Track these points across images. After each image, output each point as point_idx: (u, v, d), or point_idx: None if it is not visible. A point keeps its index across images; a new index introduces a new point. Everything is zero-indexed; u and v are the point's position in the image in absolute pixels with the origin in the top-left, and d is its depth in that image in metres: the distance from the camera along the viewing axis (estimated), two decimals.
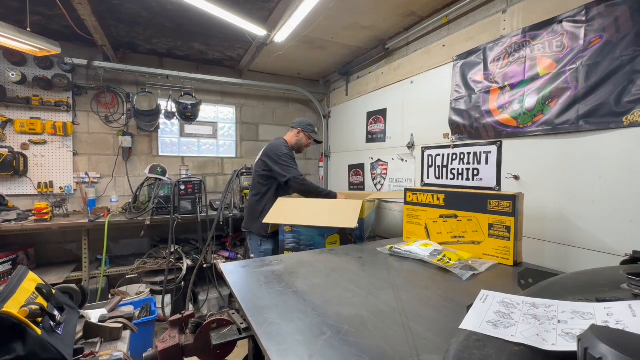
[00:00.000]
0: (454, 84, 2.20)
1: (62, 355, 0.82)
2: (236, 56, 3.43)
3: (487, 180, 1.99)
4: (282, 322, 0.91)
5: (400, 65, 2.80)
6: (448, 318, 0.95)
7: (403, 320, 0.94)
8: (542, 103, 1.65)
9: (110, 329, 1.07)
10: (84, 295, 1.23)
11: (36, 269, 2.78)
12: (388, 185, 2.92)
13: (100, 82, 3.08)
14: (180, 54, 3.36)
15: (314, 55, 3.29)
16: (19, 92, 2.82)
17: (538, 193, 1.72)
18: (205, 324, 0.94)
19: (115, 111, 3.24)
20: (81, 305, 1.24)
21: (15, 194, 2.85)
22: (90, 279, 2.76)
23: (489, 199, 1.50)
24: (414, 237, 1.84)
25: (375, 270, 1.38)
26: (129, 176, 3.29)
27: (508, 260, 1.45)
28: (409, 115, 2.68)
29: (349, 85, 3.62)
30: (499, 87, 1.88)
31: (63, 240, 3.01)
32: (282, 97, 4.12)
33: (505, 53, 1.85)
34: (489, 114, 1.94)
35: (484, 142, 2.00)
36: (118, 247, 3.29)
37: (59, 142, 2.99)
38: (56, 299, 1.02)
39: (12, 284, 0.91)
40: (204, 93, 3.63)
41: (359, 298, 1.08)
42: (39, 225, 2.50)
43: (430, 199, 1.76)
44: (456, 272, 1.32)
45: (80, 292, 1.22)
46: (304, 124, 2.53)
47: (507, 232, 1.45)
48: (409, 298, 1.09)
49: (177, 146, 3.64)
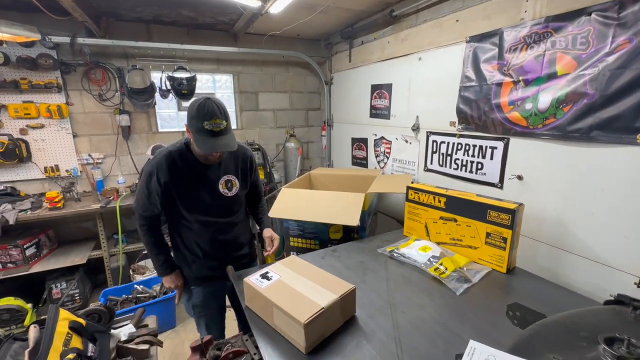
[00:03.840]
0: (464, 68, 2.05)
1: None
2: (229, 20, 3.14)
3: (490, 176, 1.98)
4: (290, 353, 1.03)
5: (408, 36, 2.57)
6: (439, 350, 1.06)
7: (398, 353, 1.05)
8: (556, 106, 1.57)
9: (139, 351, 1.21)
10: (110, 313, 1.36)
11: (59, 248, 2.98)
12: (391, 165, 2.92)
13: (87, 57, 2.90)
14: (168, 20, 3.08)
15: (314, 19, 3.00)
16: (5, 75, 2.69)
17: (540, 195, 1.74)
18: (222, 357, 1.07)
19: (108, 88, 3.10)
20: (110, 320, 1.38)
21: (24, 179, 2.91)
22: (110, 257, 2.96)
23: (489, 209, 1.53)
24: (414, 233, 1.91)
25: (375, 282, 1.47)
26: (132, 154, 3.29)
27: (501, 268, 1.53)
28: (415, 95, 2.55)
29: (352, 50, 3.37)
30: (512, 80, 1.76)
31: (79, 220, 3.15)
32: (281, 61, 3.87)
33: (523, 43, 1.68)
34: (498, 109, 1.85)
35: (490, 136, 1.95)
36: (131, 222, 3.43)
37: (57, 125, 2.94)
38: (88, 332, 1.14)
39: (48, 332, 1.01)
40: (198, 62, 3.41)
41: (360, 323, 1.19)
42: (53, 213, 2.60)
43: (432, 200, 1.79)
44: (450, 285, 1.41)
45: (107, 311, 1.35)
46: (188, 116, 1.38)
47: (504, 242, 1.50)
48: (405, 322, 1.20)
49: (176, 120, 3.56)
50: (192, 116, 1.34)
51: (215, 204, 1.52)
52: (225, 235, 1.59)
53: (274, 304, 1.10)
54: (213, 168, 1.50)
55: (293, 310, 1.04)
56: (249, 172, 1.65)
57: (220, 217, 1.55)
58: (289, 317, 1.04)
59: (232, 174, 1.56)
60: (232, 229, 1.61)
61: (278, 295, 1.12)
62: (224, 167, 1.53)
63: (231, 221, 1.60)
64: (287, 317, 1.05)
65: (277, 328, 1.13)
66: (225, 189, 1.53)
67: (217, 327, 1.73)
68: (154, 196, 1.43)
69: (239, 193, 1.59)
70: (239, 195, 1.60)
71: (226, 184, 1.54)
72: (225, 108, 1.38)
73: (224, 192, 1.53)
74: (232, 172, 1.56)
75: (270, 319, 1.15)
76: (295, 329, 1.03)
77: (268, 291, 1.15)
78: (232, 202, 1.58)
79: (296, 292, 1.14)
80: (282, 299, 1.10)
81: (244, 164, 1.62)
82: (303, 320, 0.99)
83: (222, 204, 1.54)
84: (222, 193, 1.52)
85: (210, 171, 1.49)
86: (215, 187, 1.50)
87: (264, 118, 3.95)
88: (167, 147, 1.49)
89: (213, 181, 1.50)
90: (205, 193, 1.48)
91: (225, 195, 1.53)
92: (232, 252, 1.66)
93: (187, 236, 1.55)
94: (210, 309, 1.67)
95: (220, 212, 1.55)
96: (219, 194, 1.51)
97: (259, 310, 1.22)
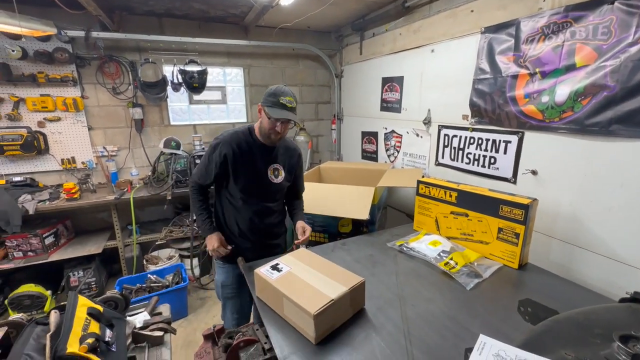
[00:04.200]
0: (479, 60, 2.00)
1: None
2: (240, 13, 3.13)
3: (503, 170, 1.95)
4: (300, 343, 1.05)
5: (420, 28, 2.52)
6: (448, 343, 1.06)
7: (407, 346, 1.06)
8: (574, 99, 1.52)
9: (154, 337, 1.25)
10: (126, 300, 1.40)
11: (76, 238, 3.08)
12: (401, 159, 2.89)
13: (101, 51, 2.94)
14: (179, 13, 3.09)
15: (325, 10, 2.97)
16: (23, 69, 2.76)
17: (554, 190, 1.70)
18: (234, 345, 1.09)
19: (122, 82, 3.15)
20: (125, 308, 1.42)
21: (42, 170, 3.00)
22: (124, 247, 3.05)
23: (502, 204, 1.50)
24: (424, 228, 1.90)
25: (385, 275, 1.48)
26: (145, 147, 3.35)
27: (513, 264, 1.51)
28: (427, 89, 2.51)
29: (363, 42, 3.32)
30: (528, 72, 1.71)
31: (94, 211, 3.23)
32: (291, 54, 3.86)
33: (541, 34, 1.63)
34: (513, 102, 1.80)
35: (504, 130, 1.91)
36: (144, 214, 3.52)
37: (72, 118, 3.01)
38: (105, 317, 1.18)
39: (68, 317, 1.05)
40: (209, 55, 3.43)
41: (370, 315, 1.20)
42: (71, 204, 2.68)
43: (443, 194, 1.77)
44: (461, 280, 1.41)
45: (123, 298, 1.39)
46: (265, 96, 1.54)
47: (516, 238, 1.48)
48: (414, 315, 1.20)
49: (188, 114, 3.59)
50: (269, 94, 1.53)
51: (261, 186, 1.66)
52: (263, 219, 1.71)
53: (284, 295, 1.11)
54: (266, 155, 1.65)
55: (303, 301, 1.05)
56: (295, 167, 1.77)
57: (262, 200, 1.68)
58: (299, 308, 1.05)
59: (280, 164, 1.69)
60: (269, 216, 1.73)
61: (288, 287, 1.14)
62: (275, 156, 1.67)
63: (271, 208, 1.72)
64: (297, 308, 1.06)
65: (287, 319, 1.15)
66: (272, 175, 1.67)
67: (243, 311, 1.78)
68: (212, 167, 1.59)
69: (282, 183, 1.70)
70: (282, 185, 1.71)
71: (274, 171, 1.67)
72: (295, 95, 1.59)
73: (270, 177, 1.66)
74: (281, 162, 1.69)
75: (281, 310, 1.17)
76: (305, 320, 1.05)
77: (278, 282, 1.17)
78: (275, 189, 1.70)
79: (306, 283, 1.16)
80: (292, 290, 1.12)
81: (292, 159, 1.74)
82: (313, 312, 1.00)
83: (266, 189, 1.67)
84: (269, 178, 1.66)
85: (264, 156, 1.64)
86: (265, 172, 1.65)
87: None
88: (235, 129, 1.68)
89: (264, 166, 1.64)
90: (254, 174, 1.63)
91: (271, 181, 1.66)
92: (266, 238, 1.75)
93: (229, 213, 1.68)
94: (238, 292, 1.74)
95: (263, 195, 1.68)
96: (266, 178, 1.65)
97: (270, 300, 1.24)
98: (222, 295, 1.77)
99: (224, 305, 1.78)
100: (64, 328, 1.00)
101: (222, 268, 1.74)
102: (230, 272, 1.72)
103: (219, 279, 1.77)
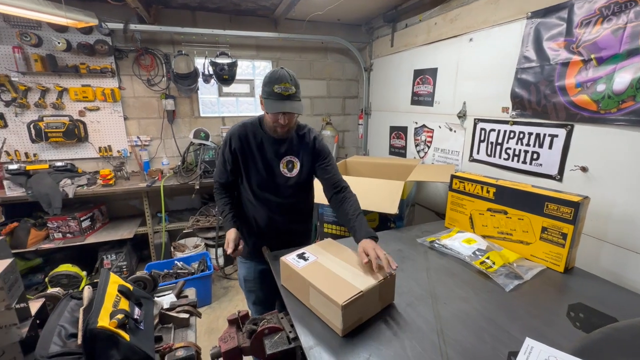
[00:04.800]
0: (523, 47, 1.86)
1: (147, 355, 1.00)
2: (270, 5, 3.13)
3: (547, 167, 1.80)
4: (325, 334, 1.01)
5: (457, 16, 2.39)
6: (486, 346, 0.97)
7: (441, 345, 0.98)
8: (636, 87, 1.36)
9: (180, 319, 1.26)
10: (154, 282, 1.43)
11: (109, 223, 3.22)
12: (432, 154, 2.77)
13: (138, 43, 3.05)
14: (212, 6, 3.14)
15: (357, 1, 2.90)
16: (67, 61, 2.91)
17: (607, 189, 1.54)
18: (258, 332, 1.07)
19: (156, 74, 3.25)
20: (154, 289, 1.45)
21: (81, 157, 3.16)
22: (154, 234, 3.15)
23: (548, 201, 1.38)
24: (457, 225, 1.80)
25: (414, 270, 1.40)
26: (175, 138, 3.44)
27: (558, 267, 1.39)
28: (463, 80, 2.38)
29: (395, 34, 3.22)
30: (581, 59, 1.56)
31: (127, 198, 3.37)
32: (319, 47, 3.82)
33: (599, 15, 1.48)
34: (562, 92, 1.65)
35: (551, 123, 1.76)
36: (173, 202, 3.63)
37: (110, 108, 3.14)
38: (135, 296, 1.20)
39: (100, 293, 1.07)
40: (239, 48, 3.46)
41: (399, 310, 1.14)
42: (106, 190, 2.80)
43: (479, 190, 1.66)
44: (499, 281, 1.30)
45: (152, 280, 1.41)
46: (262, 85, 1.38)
47: (563, 239, 1.35)
48: (448, 314, 1.12)
49: (217, 106, 3.65)
50: (264, 82, 1.36)
51: (273, 181, 1.52)
52: (280, 216, 1.57)
53: (310, 284, 1.07)
54: (277, 146, 1.50)
55: (330, 291, 1.01)
56: (314, 155, 1.55)
57: (276, 196, 1.54)
58: (326, 298, 1.01)
59: (294, 156, 1.53)
60: (287, 212, 1.58)
61: (315, 276, 1.10)
62: (288, 148, 1.51)
63: (287, 203, 1.57)
64: (324, 298, 1.02)
65: (312, 308, 1.11)
66: (285, 169, 1.52)
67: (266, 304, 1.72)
68: (227, 164, 1.51)
69: (299, 177, 1.54)
70: (299, 180, 1.54)
71: (287, 164, 1.52)
72: (295, 77, 1.38)
73: (283, 171, 1.52)
74: (296, 154, 1.53)
75: (306, 299, 1.13)
76: (332, 311, 1.00)
77: (305, 271, 1.13)
78: (290, 184, 1.54)
79: (334, 274, 1.11)
80: (319, 279, 1.08)
81: (307, 147, 1.54)
82: (341, 302, 0.96)
83: (279, 183, 1.53)
84: (282, 172, 1.51)
85: (274, 148, 1.50)
86: (276, 165, 1.51)
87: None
88: (243, 120, 1.54)
89: (275, 158, 1.50)
90: (265, 168, 1.49)
91: (284, 175, 1.52)
92: (285, 236, 1.62)
93: (247, 209, 1.59)
94: (261, 286, 1.68)
95: (277, 191, 1.54)
96: (278, 172, 1.51)
97: (295, 289, 1.21)
98: (245, 289, 1.74)
99: (247, 297, 1.77)
100: (95, 303, 1.02)
101: (244, 264, 1.68)
102: (252, 268, 1.66)
103: (241, 273, 1.72)
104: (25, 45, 2.74)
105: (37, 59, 2.77)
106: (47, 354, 0.88)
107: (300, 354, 1.04)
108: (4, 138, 2.86)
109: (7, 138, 2.88)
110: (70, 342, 0.97)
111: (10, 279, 0.93)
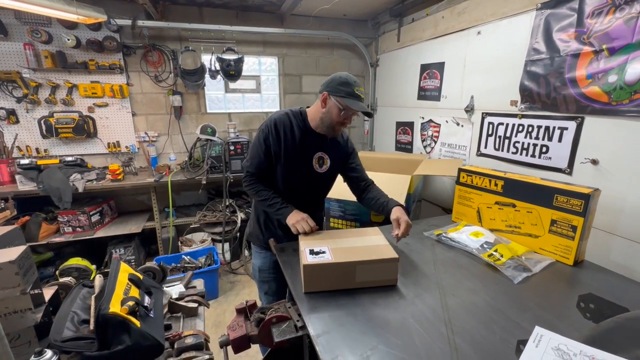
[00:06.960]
0: (532, 39, 1.84)
1: (158, 341, 1.01)
2: (276, 0, 3.14)
3: (556, 160, 1.78)
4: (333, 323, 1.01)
5: (465, 9, 2.37)
6: (495, 337, 0.97)
7: (449, 335, 0.98)
8: None
9: (189, 308, 1.28)
10: (164, 272, 1.45)
11: (118, 218, 3.27)
12: (439, 149, 2.75)
13: (145, 39, 3.08)
14: (219, 2, 3.16)
15: None
16: (77, 57, 2.95)
17: (618, 183, 1.52)
18: (266, 320, 1.08)
19: (163, 70, 3.28)
20: (162, 279, 1.47)
21: (91, 153, 3.20)
22: (162, 228, 3.19)
23: (557, 193, 1.37)
24: (464, 219, 1.79)
25: (421, 263, 1.40)
26: (182, 134, 3.47)
27: (568, 260, 1.37)
28: (470, 73, 2.35)
29: (401, 29, 3.20)
30: (592, 50, 1.53)
31: (135, 193, 3.42)
32: (325, 43, 3.81)
33: (610, 5, 1.46)
34: (573, 84, 1.63)
35: (560, 115, 1.73)
36: (180, 198, 3.66)
37: (118, 104, 3.18)
38: (145, 285, 1.22)
39: (112, 280, 1.09)
40: (245, 44, 3.48)
41: (406, 300, 1.14)
42: (115, 184, 2.84)
43: (487, 183, 1.65)
44: (507, 273, 1.29)
45: (161, 270, 1.43)
46: (333, 84, 1.41)
47: (573, 231, 1.34)
48: (456, 304, 1.12)
49: (223, 102, 3.67)
50: (341, 83, 1.41)
51: (306, 175, 1.56)
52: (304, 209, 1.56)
53: (357, 262, 1.14)
54: (314, 142, 1.53)
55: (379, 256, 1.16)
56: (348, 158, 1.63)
57: (305, 189, 1.59)
58: (378, 263, 1.14)
59: (325, 153, 1.58)
60: (310, 206, 1.61)
61: (352, 256, 1.16)
62: (320, 144, 1.56)
63: (312, 198, 1.65)
64: (376, 265, 1.15)
65: (361, 284, 1.17)
66: (316, 165, 1.57)
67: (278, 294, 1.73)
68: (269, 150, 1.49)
69: (327, 173, 1.59)
70: (327, 176, 1.61)
71: (318, 160, 1.57)
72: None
73: (315, 166, 1.56)
74: (326, 151, 1.58)
75: (352, 282, 1.17)
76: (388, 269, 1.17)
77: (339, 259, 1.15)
78: (318, 180, 1.60)
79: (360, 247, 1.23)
80: (359, 256, 1.16)
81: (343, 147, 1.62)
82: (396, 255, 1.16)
83: (309, 177, 1.57)
84: (314, 167, 1.56)
85: (311, 143, 1.53)
86: (309, 160, 1.55)
87: (307, 101, 3.93)
88: (286, 109, 1.55)
89: (309, 153, 1.54)
90: (299, 161, 1.53)
91: (315, 170, 1.56)
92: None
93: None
94: (275, 276, 1.69)
95: (307, 184, 1.58)
96: (310, 166, 1.55)
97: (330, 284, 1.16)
98: (258, 279, 1.76)
99: (259, 287, 1.79)
100: (107, 290, 1.04)
101: (260, 254, 1.71)
102: (267, 259, 1.69)
103: (256, 263, 1.74)
104: (36, 42, 2.79)
105: (48, 56, 2.81)
106: (61, 338, 0.90)
107: (307, 342, 1.05)
108: (16, 134, 2.91)
109: (19, 134, 2.93)
110: (83, 327, 0.99)
111: (25, 265, 0.96)
